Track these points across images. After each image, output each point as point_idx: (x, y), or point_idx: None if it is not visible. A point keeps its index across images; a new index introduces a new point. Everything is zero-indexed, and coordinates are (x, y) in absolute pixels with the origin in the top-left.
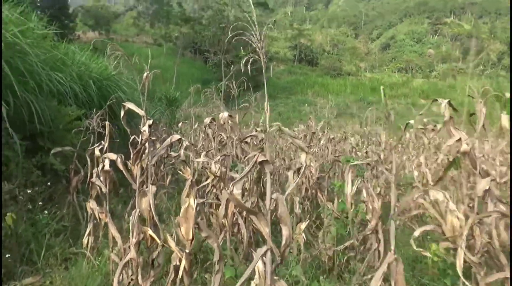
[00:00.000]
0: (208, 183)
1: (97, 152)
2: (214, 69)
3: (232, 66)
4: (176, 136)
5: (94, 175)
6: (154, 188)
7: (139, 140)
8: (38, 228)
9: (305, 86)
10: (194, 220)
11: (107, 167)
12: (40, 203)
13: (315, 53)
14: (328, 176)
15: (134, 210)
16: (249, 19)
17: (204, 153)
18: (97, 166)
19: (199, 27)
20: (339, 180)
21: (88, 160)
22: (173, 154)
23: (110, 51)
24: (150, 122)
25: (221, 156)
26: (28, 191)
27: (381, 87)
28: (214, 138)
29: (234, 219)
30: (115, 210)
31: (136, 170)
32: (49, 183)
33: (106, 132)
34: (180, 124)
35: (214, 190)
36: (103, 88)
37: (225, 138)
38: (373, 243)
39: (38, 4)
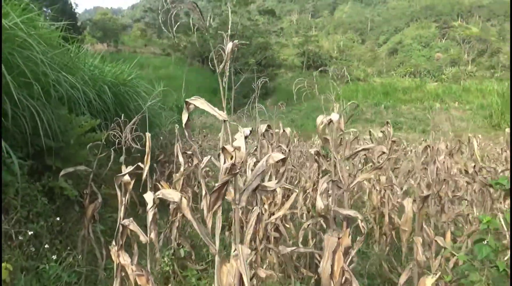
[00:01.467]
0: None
1: (126, 179)
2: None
3: (240, 74)
4: (279, 155)
5: (122, 212)
6: (247, 251)
7: (223, 166)
8: (44, 282)
9: (316, 92)
10: None
11: (150, 205)
12: (46, 245)
13: (323, 59)
14: (434, 200)
15: None
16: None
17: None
18: (125, 195)
19: (206, 36)
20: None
21: (118, 192)
22: (270, 184)
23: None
24: (247, 132)
25: (327, 183)
26: (30, 232)
27: None
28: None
29: (344, 279)
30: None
31: (217, 221)
32: (58, 218)
33: (147, 149)
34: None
35: (273, 220)
36: (120, 94)
37: (286, 150)
38: None
39: (47, 18)
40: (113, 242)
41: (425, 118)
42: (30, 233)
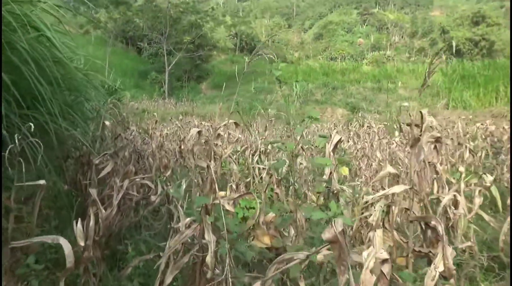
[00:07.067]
0: None
1: None
2: (152, 60)
3: (172, 56)
4: None
5: None
6: None
7: None
8: None
9: (254, 74)
10: None
11: None
12: None
13: (256, 41)
14: None
15: None
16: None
17: None
18: None
19: (130, 13)
20: None
21: None
22: None
23: None
24: None
25: None
26: None
27: None
28: None
29: None
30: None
31: None
32: None
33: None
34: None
35: None
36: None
37: None
38: None
39: None
40: None
41: (375, 99)
42: None
